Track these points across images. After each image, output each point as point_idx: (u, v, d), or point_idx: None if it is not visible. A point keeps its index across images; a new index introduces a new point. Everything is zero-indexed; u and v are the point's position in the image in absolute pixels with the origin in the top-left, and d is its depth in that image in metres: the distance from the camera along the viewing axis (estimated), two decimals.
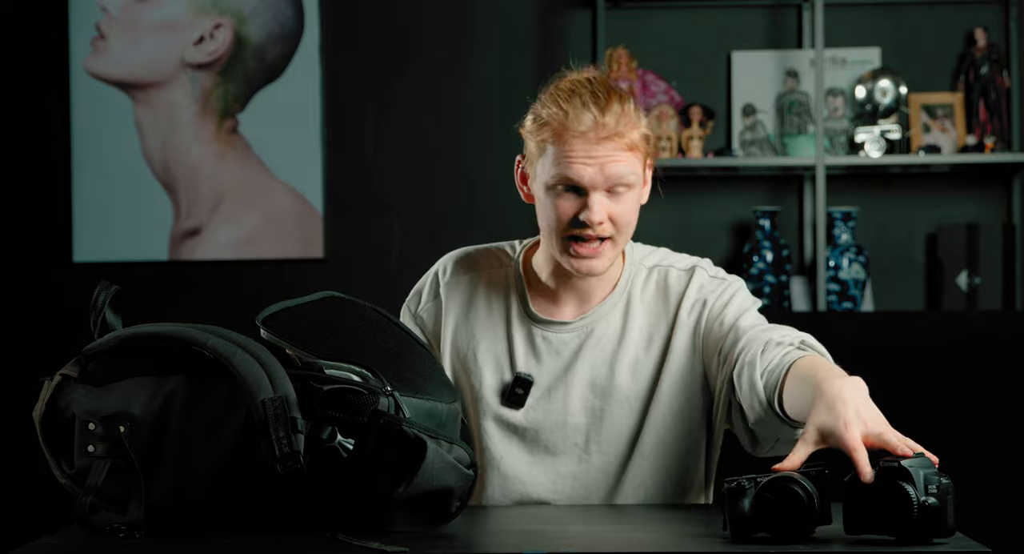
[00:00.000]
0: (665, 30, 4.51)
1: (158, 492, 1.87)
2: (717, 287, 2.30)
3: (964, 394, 4.02)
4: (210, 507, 1.88)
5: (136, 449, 1.86)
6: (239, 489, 1.85)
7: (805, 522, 1.73)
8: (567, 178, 2.17)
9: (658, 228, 4.45)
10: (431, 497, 1.85)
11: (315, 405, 1.81)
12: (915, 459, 1.73)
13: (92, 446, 1.88)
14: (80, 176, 4.54)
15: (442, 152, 4.56)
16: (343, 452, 1.79)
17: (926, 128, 4.42)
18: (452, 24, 4.55)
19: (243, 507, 1.87)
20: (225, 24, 4.53)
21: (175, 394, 1.87)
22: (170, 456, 1.86)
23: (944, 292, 4.39)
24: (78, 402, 1.91)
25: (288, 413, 1.78)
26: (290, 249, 4.51)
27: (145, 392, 1.88)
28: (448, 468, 1.85)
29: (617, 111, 2.18)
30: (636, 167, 2.20)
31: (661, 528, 2.00)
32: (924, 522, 1.70)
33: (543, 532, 1.90)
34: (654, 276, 2.32)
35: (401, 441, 1.81)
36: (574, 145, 2.17)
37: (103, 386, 1.92)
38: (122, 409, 1.87)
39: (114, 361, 1.94)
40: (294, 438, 1.77)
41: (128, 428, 1.86)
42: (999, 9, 4.47)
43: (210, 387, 1.87)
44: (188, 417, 1.86)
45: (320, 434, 1.79)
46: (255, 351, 1.86)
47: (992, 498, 3.93)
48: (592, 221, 2.17)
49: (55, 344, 4.58)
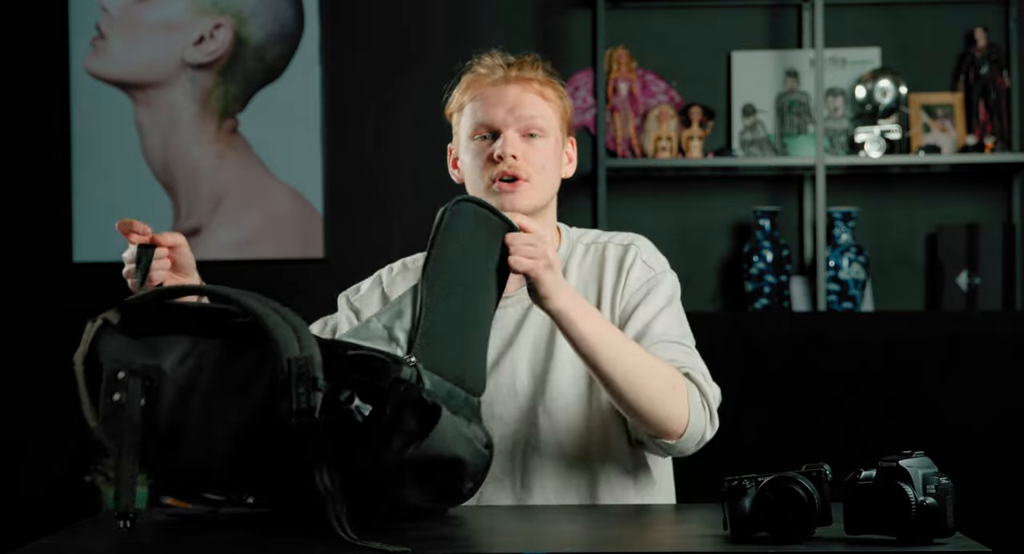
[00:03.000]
0: (665, 30, 4.51)
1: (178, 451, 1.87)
2: (643, 274, 2.32)
3: (964, 394, 4.02)
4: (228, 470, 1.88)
5: (160, 405, 1.86)
6: (258, 452, 1.85)
7: (805, 522, 1.73)
8: (481, 123, 2.29)
9: (658, 228, 4.46)
10: (443, 468, 1.85)
11: (339, 368, 1.82)
12: (914, 459, 1.72)
13: (118, 395, 1.89)
14: (80, 176, 4.54)
15: (442, 152, 4.55)
16: (359, 416, 1.81)
17: (926, 128, 4.42)
18: (452, 24, 4.55)
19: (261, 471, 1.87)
20: (225, 24, 4.53)
21: (206, 356, 1.87)
22: (193, 416, 1.86)
23: (944, 292, 4.38)
24: (111, 349, 1.92)
25: (311, 372, 1.79)
26: (290, 249, 4.51)
27: (179, 350, 1.89)
28: (461, 439, 1.86)
29: (525, 63, 2.31)
30: (547, 114, 2.29)
31: (661, 528, 2.00)
32: (923, 522, 1.69)
33: (543, 532, 1.90)
34: (591, 252, 2.36)
35: (419, 408, 1.82)
36: (485, 92, 2.30)
37: (139, 338, 1.92)
38: (152, 363, 1.88)
39: (154, 315, 1.93)
40: (312, 395, 1.78)
41: (154, 382, 1.87)
42: (999, 9, 4.46)
43: (242, 351, 1.87)
44: (216, 379, 1.86)
45: (338, 395, 1.80)
46: (287, 315, 1.86)
47: (992, 498, 3.93)
48: (505, 153, 2.25)
49: (55, 344, 4.58)
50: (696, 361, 2.26)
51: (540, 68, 2.32)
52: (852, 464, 1.80)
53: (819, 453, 2.19)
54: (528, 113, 2.27)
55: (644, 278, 2.31)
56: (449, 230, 1.99)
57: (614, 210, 4.36)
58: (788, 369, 4.05)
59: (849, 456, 2.46)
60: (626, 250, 2.33)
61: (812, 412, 4.01)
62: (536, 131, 2.28)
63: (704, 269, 4.46)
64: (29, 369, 4.58)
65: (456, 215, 2.00)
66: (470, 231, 2.00)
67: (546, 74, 2.32)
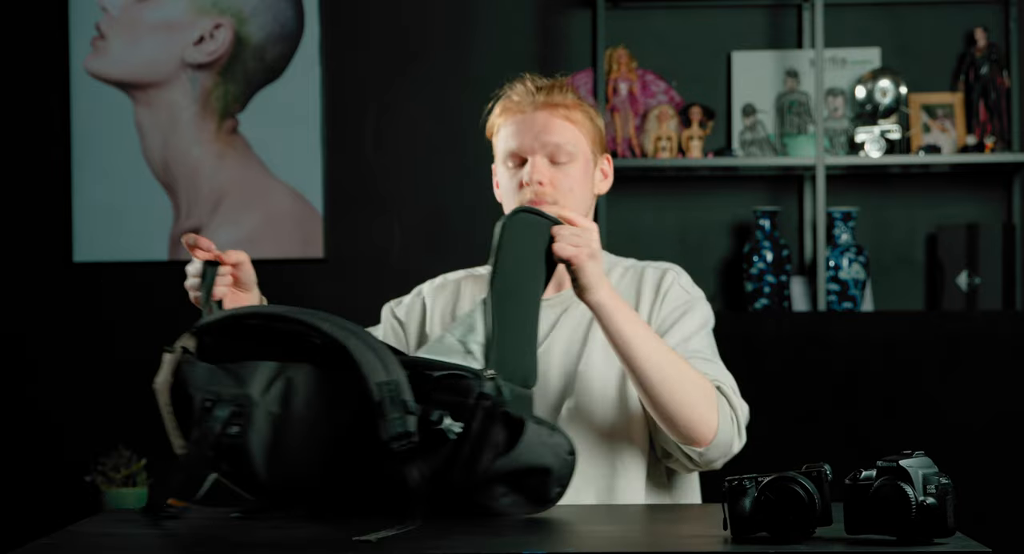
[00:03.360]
0: (665, 30, 4.51)
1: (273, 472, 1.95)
2: (678, 296, 2.38)
3: (964, 394, 4.02)
4: (321, 491, 1.97)
5: (252, 430, 1.94)
6: (351, 473, 1.94)
7: (805, 522, 1.73)
8: (511, 150, 2.34)
9: (658, 228, 4.46)
10: (531, 475, 1.95)
11: (427, 389, 1.92)
12: (914, 459, 1.72)
13: (210, 424, 1.94)
14: (80, 176, 4.54)
15: (442, 152, 4.56)
16: (450, 435, 1.90)
17: (926, 128, 4.42)
18: (452, 24, 4.55)
19: (355, 491, 1.96)
20: (225, 24, 4.53)
21: (294, 380, 1.95)
22: (289, 439, 1.94)
23: (944, 292, 4.38)
24: (194, 378, 1.97)
25: (401, 396, 1.88)
26: (290, 249, 4.51)
27: (264, 375, 1.96)
28: (546, 448, 1.95)
29: (554, 88, 2.36)
30: (575, 138, 2.35)
31: (661, 528, 2.00)
32: (923, 522, 1.69)
33: (543, 532, 1.90)
34: (629, 273, 2.42)
35: (504, 421, 1.93)
36: (515, 119, 2.36)
37: (221, 365, 1.98)
38: (240, 391, 1.95)
39: (231, 340, 2.00)
40: (406, 418, 1.87)
41: (245, 409, 1.94)
42: (999, 9, 4.46)
43: (328, 374, 1.94)
44: (307, 403, 1.94)
45: (429, 416, 1.89)
46: (366, 338, 1.94)
47: (992, 498, 3.92)
48: (532, 180, 2.31)
49: (55, 344, 4.58)
50: (728, 378, 2.31)
51: (570, 92, 2.38)
52: (852, 464, 1.80)
53: (819, 453, 2.21)
54: (554, 140, 2.33)
55: (681, 300, 2.37)
56: (507, 242, 2.08)
57: (614, 210, 4.36)
58: (788, 369, 4.04)
59: (849, 456, 2.47)
60: (664, 273, 2.41)
61: (812, 412, 4.01)
62: (563, 156, 2.33)
63: (704, 269, 4.46)
64: (28, 369, 4.58)
65: (511, 227, 2.10)
66: (523, 239, 2.10)
67: (576, 97, 2.38)
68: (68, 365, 4.56)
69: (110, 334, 4.55)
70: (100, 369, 4.55)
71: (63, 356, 4.56)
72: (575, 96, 2.38)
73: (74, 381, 4.55)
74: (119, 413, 4.49)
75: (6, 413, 4.56)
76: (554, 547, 1.73)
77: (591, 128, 2.38)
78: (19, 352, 4.58)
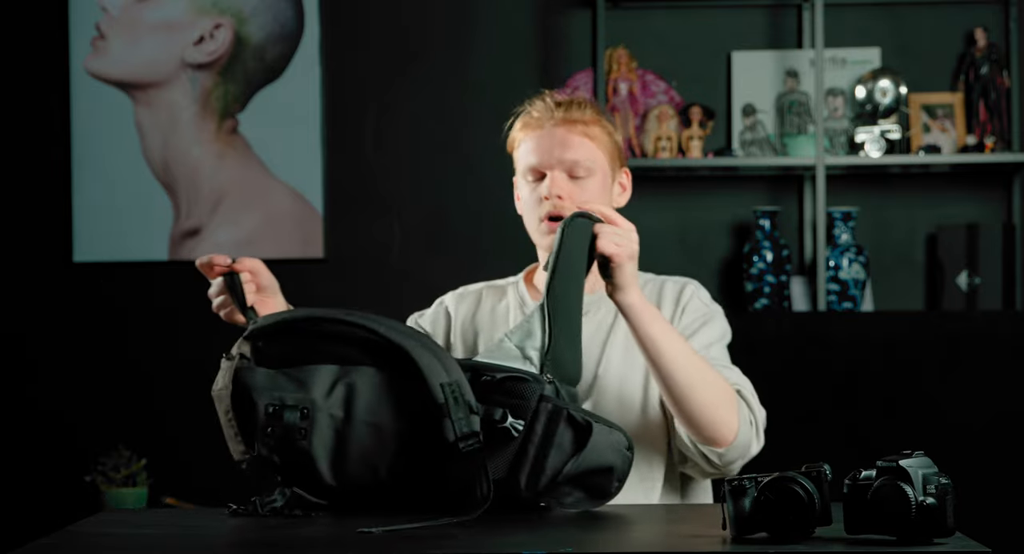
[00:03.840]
0: (665, 30, 4.50)
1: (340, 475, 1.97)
2: (698, 308, 2.43)
3: (964, 394, 4.01)
4: (388, 491, 1.99)
5: (316, 434, 1.96)
6: (416, 474, 1.97)
7: (805, 522, 1.73)
8: (530, 166, 2.39)
9: (658, 228, 4.45)
10: (596, 475, 2.00)
11: (488, 391, 1.96)
12: (914, 459, 1.72)
13: (273, 429, 1.96)
14: (80, 176, 4.53)
15: (442, 152, 4.56)
16: (514, 432, 1.93)
17: (926, 128, 4.41)
18: (452, 24, 4.55)
19: (421, 490, 1.99)
20: (225, 24, 4.52)
21: (356, 384, 1.97)
22: (355, 441, 1.96)
23: (944, 292, 4.38)
24: (255, 383, 1.98)
25: (464, 396, 1.93)
26: (290, 249, 4.51)
27: (326, 378, 1.98)
28: (611, 448, 2.00)
29: (573, 104, 2.40)
30: (593, 154, 2.39)
31: (661, 528, 2.00)
32: (923, 522, 1.69)
33: (543, 532, 1.90)
34: (649, 286, 2.46)
35: (570, 423, 1.98)
36: (534, 134, 2.40)
37: (281, 370, 2.00)
38: (303, 395, 1.97)
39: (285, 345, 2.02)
40: (471, 418, 1.92)
41: (309, 413, 1.96)
42: (999, 9, 4.45)
43: (390, 376, 1.98)
44: (371, 405, 1.97)
45: (492, 415, 1.93)
46: (422, 340, 1.99)
47: (992, 498, 3.92)
48: (551, 194, 2.35)
49: (55, 344, 4.58)
50: (747, 383, 2.34)
51: (589, 108, 2.42)
52: (852, 464, 1.80)
53: (819, 453, 2.21)
54: (572, 156, 2.37)
55: (701, 311, 2.42)
56: (566, 246, 2.13)
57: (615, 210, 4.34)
58: (788, 369, 4.04)
59: (849, 456, 2.46)
60: (684, 287, 2.45)
61: (812, 412, 4.00)
62: (581, 171, 2.37)
63: (704, 269, 4.45)
64: (29, 369, 4.57)
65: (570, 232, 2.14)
66: (575, 242, 2.14)
67: (594, 113, 2.42)
68: (68, 365, 4.55)
69: (110, 334, 4.55)
70: (100, 369, 4.54)
71: (63, 356, 4.56)
72: (594, 112, 2.42)
73: (74, 381, 4.54)
74: (119, 413, 4.50)
75: (6, 413, 4.56)
76: (553, 547, 1.72)
77: (609, 143, 2.42)
78: (19, 352, 4.57)
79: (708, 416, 2.22)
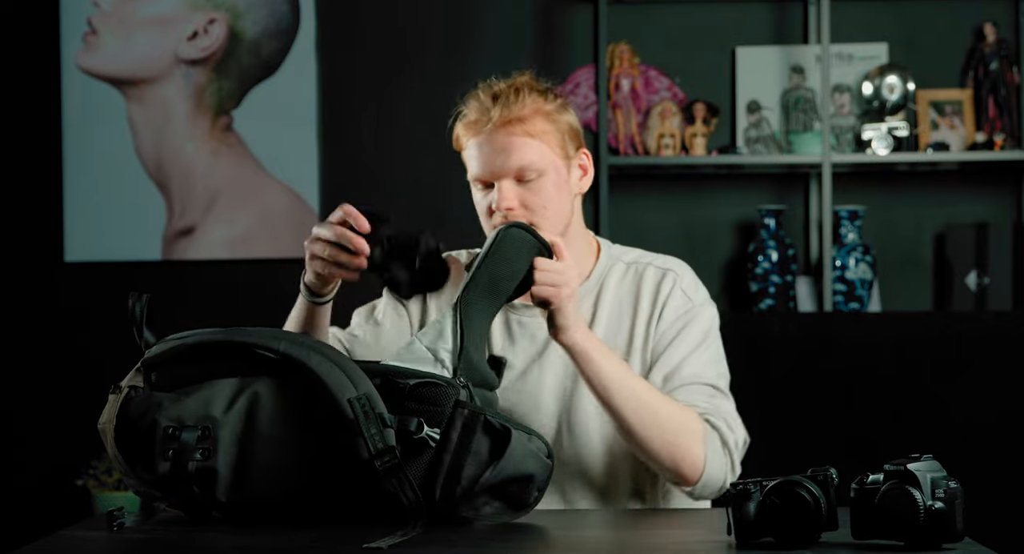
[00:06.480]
0: (668, 25, 4.49)
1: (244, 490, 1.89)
2: (681, 305, 2.31)
3: (973, 395, 4.02)
4: (299, 507, 1.92)
5: (220, 452, 1.88)
6: (330, 489, 1.89)
7: (811, 527, 1.72)
8: (476, 176, 2.28)
9: (662, 227, 4.43)
10: (515, 484, 1.91)
11: (401, 399, 1.87)
12: (923, 463, 1.72)
13: (173, 451, 1.89)
14: (72, 174, 4.51)
15: (440, 150, 4.51)
16: (431, 442, 1.85)
17: (934, 125, 4.40)
18: (451, 18, 4.53)
19: (334, 506, 1.91)
20: (219, 19, 4.51)
21: (258, 396, 1.90)
22: (259, 455, 1.89)
23: (953, 292, 4.37)
24: (161, 409, 1.91)
25: (376, 410, 1.84)
26: (285, 248, 4.48)
27: (225, 393, 1.91)
28: (530, 455, 1.92)
29: (509, 100, 2.24)
30: (540, 154, 2.24)
31: (664, 532, 2.00)
32: (931, 527, 1.69)
33: (543, 534, 1.91)
34: (630, 272, 2.35)
35: (487, 429, 1.89)
36: (475, 141, 2.28)
37: (181, 390, 1.93)
38: (204, 413, 1.90)
39: (179, 367, 1.95)
40: (385, 433, 1.83)
41: (210, 431, 1.89)
42: (1009, 4, 4.44)
43: (292, 386, 1.90)
44: (273, 417, 1.89)
45: (407, 426, 1.85)
46: (326, 352, 1.90)
47: (1002, 502, 3.91)
48: (500, 208, 2.24)
49: (47, 345, 4.56)
50: (721, 404, 2.25)
51: (527, 93, 2.25)
52: (859, 468, 1.79)
53: (825, 457, 2.18)
54: (516, 163, 2.23)
55: (682, 310, 2.30)
56: (494, 254, 2.04)
57: (617, 209, 4.34)
58: (793, 371, 4.05)
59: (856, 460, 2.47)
60: (664, 275, 2.32)
61: (818, 415, 4.01)
62: (531, 174, 2.24)
63: (708, 269, 4.42)
64: (21, 369, 4.55)
65: (504, 241, 2.05)
66: (508, 254, 2.06)
67: (535, 99, 2.25)
68: (59, 367, 4.53)
69: (102, 335, 4.51)
70: (91, 371, 4.50)
71: (54, 357, 4.53)
72: (535, 97, 2.26)
73: (65, 383, 4.52)
74: None
75: (1, 413, 4.54)
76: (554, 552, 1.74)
77: (556, 134, 2.26)
78: (11, 352, 4.55)
79: (669, 455, 2.16)
